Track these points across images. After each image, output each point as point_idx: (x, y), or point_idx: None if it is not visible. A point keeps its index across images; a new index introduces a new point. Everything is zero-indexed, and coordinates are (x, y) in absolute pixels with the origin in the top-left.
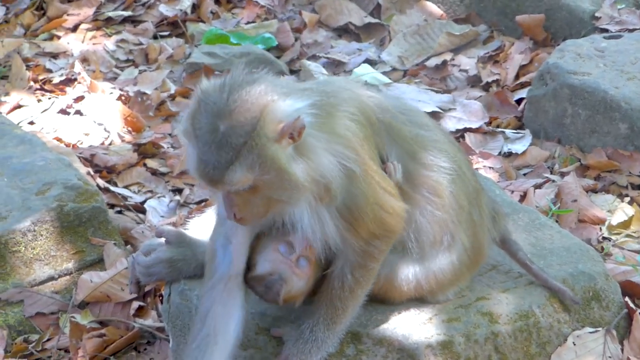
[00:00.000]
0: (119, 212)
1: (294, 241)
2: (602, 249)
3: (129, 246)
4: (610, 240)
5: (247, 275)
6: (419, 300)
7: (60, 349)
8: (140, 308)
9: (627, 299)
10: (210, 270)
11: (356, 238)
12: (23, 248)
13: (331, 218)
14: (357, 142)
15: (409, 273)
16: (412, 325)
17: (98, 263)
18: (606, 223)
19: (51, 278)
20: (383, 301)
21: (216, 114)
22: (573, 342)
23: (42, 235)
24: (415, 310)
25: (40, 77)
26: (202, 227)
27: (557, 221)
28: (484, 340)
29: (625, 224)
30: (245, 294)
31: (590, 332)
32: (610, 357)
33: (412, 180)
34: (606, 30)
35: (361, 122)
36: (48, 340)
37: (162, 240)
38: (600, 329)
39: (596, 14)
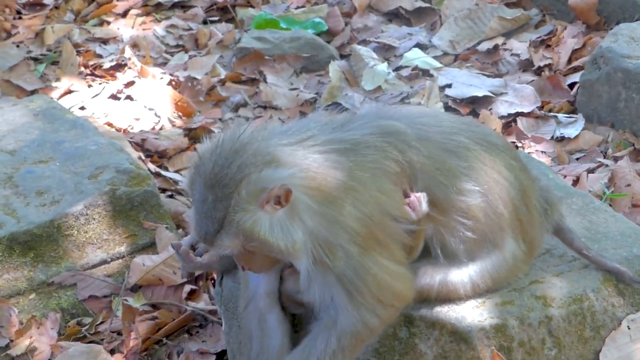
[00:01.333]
0: (170, 196)
1: None
2: None
3: (180, 230)
4: None
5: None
6: None
7: (113, 332)
8: (192, 291)
9: None
10: (247, 290)
11: (355, 304)
12: (76, 232)
13: (329, 282)
14: (365, 195)
15: (462, 275)
16: (465, 308)
17: (150, 247)
18: None
19: (104, 262)
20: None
21: (205, 184)
22: (627, 326)
23: (94, 219)
24: None
25: (91, 63)
26: None
27: (611, 205)
28: (537, 323)
29: None
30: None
31: None
32: None
33: (441, 207)
34: None
35: (378, 171)
36: (101, 323)
37: None
38: None
39: None
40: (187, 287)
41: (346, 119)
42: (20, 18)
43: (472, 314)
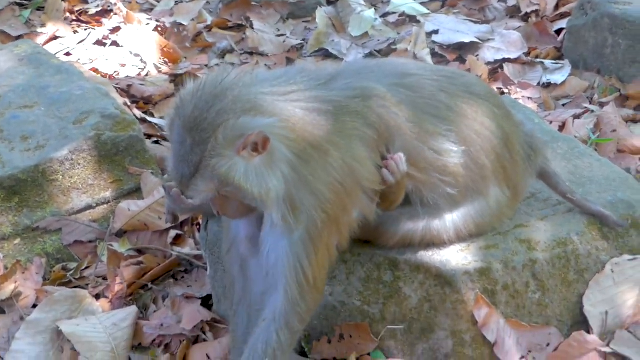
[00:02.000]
0: (156, 142)
1: None
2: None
3: (166, 175)
4: None
5: None
6: None
7: (98, 277)
8: (177, 236)
9: None
10: (228, 235)
11: (298, 282)
12: (61, 177)
13: (281, 248)
14: (336, 160)
15: (446, 221)
16: (450, 252)
17: (135, 192)
18: None
19: (89, 207)
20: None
21: (185, 127)
22: (611, 270)
23: (79, 164)
24: None
25: (77, 9)
26: None
27: (596, 150)
28: (522, 267)
29: None
30: None
31: (629, 260)
32: None
33: (419, 166)
34: None
35: (351, 137)
36: (86, 268)
37: None
38: (638, 256)
39: None
40: (173, 232)
41: (330, 75)
42: None
43: (457, 257)
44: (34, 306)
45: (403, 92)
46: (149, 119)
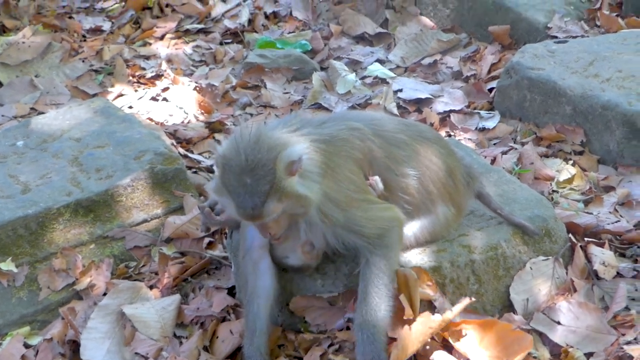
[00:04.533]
0: (195, 172)
1: (313, 241)
2: (552, 198)
3: (201, 197)
4: (558, 192)
5: (276, 258)
6: None
7: (151, 272)
8: (210, 242)
9: (570, 235)
10: (244, 244)
11: (365, 238)
12: (124, 198)
13: (337, 233)
14: (341, 175)
15: (407, 231)
16: (411, 254)
17: (179, 209)
18: (555, 180)
19: (145, 220)
20: None
21: (241, 173)
22: (530, 267)
23: (138, 189)
24: None
25: (137, 73)
26: None
27: (518, 178)
28: (464, 265)
29: (569, 181)
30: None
31: (543, 260)
32: (557, 277)
33: (388, 186)
34: (556, 37)
35: (348, 158)
36: (143, 266)
37: None
38: (550, 257)
39: (548, 25)
40: (207, 239)
41: (323, 120)
42: (84, 40)
43: (416, 258)
44: (104, 294)
45: (375, 128)
46: (189, 155)
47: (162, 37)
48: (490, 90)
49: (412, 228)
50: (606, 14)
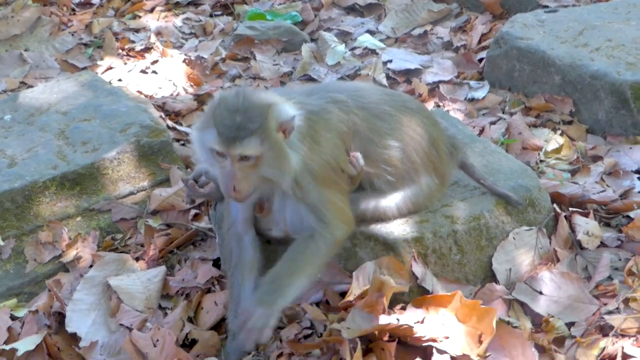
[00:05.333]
0: (182, 144)
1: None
2: (538, 168)
3: (188, 169)
4: (545, 162)
5: (260, 230)
6: None
7: (137, 244)
8: (196, 214)
9: (555, 205)
10: (229, 218)
11: (324, 224)
12: (110, 171)
13: (301, 209)
14: (326, 149)
15: (390, 202)
16: (393, 225)
17: (166, 182)
18: (543, 150)
19: (131, 193)
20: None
21: (234, 110)
22: (513, 237)
23: (124, 162)
24: None
25: (126, 47)
26: None
27: (506, 150)
28: (446, 235)
29: (557, 151)
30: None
31: (526, 230)
32: (541, 248)
33: (370, 158)
34: (547, 6)
35: (333, 131)
36: (129, 238)
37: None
38: (533, 227)
39: None
40: (192, 211)
41: (310, 90)
42: (74, 14)
43: (398, 229)
44: (91, 266)
45: (359, 100)
46: (178, 127)
47: (151, 10)
48: (480, 60)
49: (395, 199)
50: None
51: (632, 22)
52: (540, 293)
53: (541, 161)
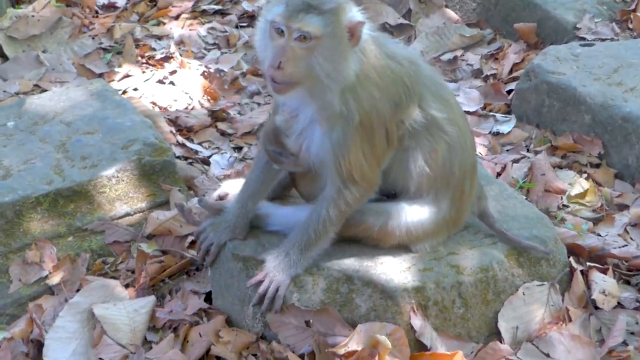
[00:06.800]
0: (190, 163)
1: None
2: (556, 217)
3: (191, 191)
4: (568, 207)
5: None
6: (403, 248)
7: (128, 270)
8: (193, 242)
9: (571, 258)
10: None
11: (339, 174)
12: (108, 190)
13: (325, 146)
14: (384, 93)
15: (401, 221)
16: (394, 272)
17: (165, 204)
18: (566, 194)
19: (128, 214)
20: (377, 244)
21: None
22: (523, 293)
23: (123, 181)
24: (397, 260)
25: (146, 54)
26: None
27: (527, 192)
28: (450, 287)
29: (581, 195)
30: None
31: (538, 285)
32: (552, 305)
33: (416, 131)
34: (584, 39)
35: (399, 82)
36: (121, 262)
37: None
38: (546, 282)
39: (577, 25)
40: (190, 238)
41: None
42: (97, 16)
43: (399, 277)
44: (77, 290)
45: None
46: (188, 144)
47: (177, 17)
48: (509, 92)
49: (407, 217)
50: None
51: None
52: (548, 356)
53: (564, 206)
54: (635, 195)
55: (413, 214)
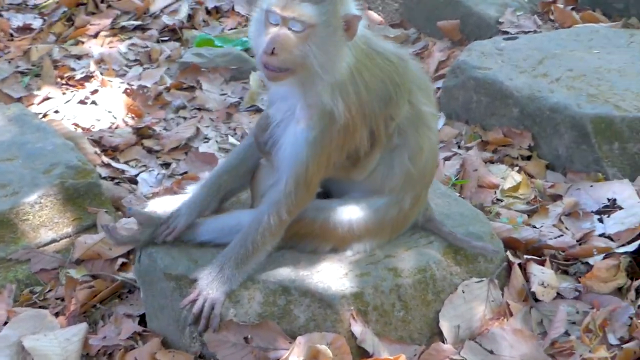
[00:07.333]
0: (117, 183)
1: None
2: (491, 212)
3: (119, 212)
4: (501, 202)
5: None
6: (338, 252)
7: (57, 299)
8: (123, 264)
9: (508, 252)
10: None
11: (296, 177)
12: (31, 217)
13: (305, 142)
14: (369, 95)
15: (344, 216)
16: (331, 280)
17: (92, 228)
18: (499, 188)
19: (54, 240)
20: (316, 246)
21: None
22: (462, 290)
23: (47, 206)
24: (334, 267)
25: (66, 75)
26: (168, 201)
27: (460, 188)
28: (389, 291)
29: (514, 189)
30: None
31: (477, 282)
32: (492, 301)
33: (404, 128)
34: (507, 33)
35: (387, 78)
36: (49, 291)
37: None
38: (484, 279)
39: (500, 19)
40: (120, 260)
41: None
42: (12, 39)
43: (337, 284)
44: (5, 323)
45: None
46: (113, 164)
47: (96, 35)
48: (437, 90)
49: (353, 213)
50: (561, 8)
51: (594, 50)
52: (492, 353)
53: (498, 200)
54: (567, 185)
55: (358, 211)
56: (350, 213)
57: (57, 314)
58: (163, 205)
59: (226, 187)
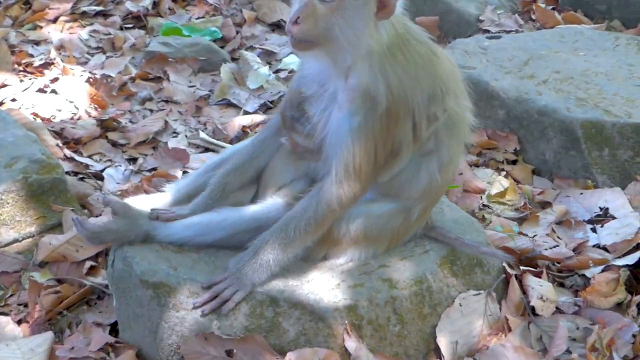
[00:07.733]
0: (81, 179)
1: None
2: (484, 217)
3: (85, 210)
4: (489, 208)
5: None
6: (329, 257)
7: (20, 304)
8: (92, 267)
9: (504, 263)
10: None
11: (345, 165)
12: None
13: (349, 128)
14: (411, 82)
15: (343, 217)
16: (323, 291)
17: (57, 227)
18: (486, 193)
19: (16, 240)
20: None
21: None
22: (459, 304)
23: (8, 203)
24: (325, 277)
25: (23, 61)
26: (144, 201)
27: (446, 193)
28: (384, 303)
29: (501, 194)
30: None
31: (474, 295)
32: (490, 315)
33: (441, 132)
34: (488, 31)
35: (429, 67)
36: (11, 296)
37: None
38: (482, 291)
39: (480, 17)
40: (88, 263)
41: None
42: None
43: (329, 295)
44: None
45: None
46: (77, 157)
47: (55, 20)
48: None
49: (355, 217)
50: (542, 8)
51: (580, 52)
52: None
53: (485, 206)
54: (555, 192)
55: (359, 214)
56: (350, 213)
57: (19, 322)
58: (142, 203)
59: (231, 188)
